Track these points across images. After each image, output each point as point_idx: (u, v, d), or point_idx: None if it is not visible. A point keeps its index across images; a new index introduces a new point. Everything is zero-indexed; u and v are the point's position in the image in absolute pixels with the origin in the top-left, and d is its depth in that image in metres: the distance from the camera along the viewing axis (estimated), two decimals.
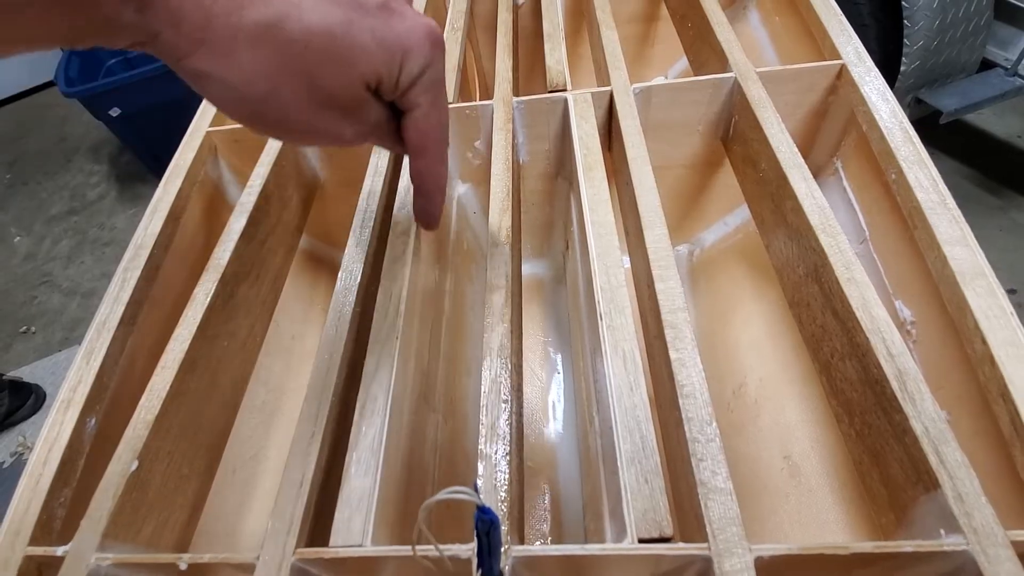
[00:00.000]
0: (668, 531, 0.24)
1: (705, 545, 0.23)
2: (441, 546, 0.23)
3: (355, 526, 0.26)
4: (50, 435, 0.31)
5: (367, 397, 0.30)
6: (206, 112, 0.53)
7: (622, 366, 0.29)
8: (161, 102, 1.83)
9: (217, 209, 0.53)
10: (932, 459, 0.25)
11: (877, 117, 0.41)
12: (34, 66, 2.84)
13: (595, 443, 0.38)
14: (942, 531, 0.23)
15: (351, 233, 0.39)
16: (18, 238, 2.20)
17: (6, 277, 2.05)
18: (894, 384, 0.27)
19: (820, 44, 0.51)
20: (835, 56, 0.47)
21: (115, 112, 1.91)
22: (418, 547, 0.23)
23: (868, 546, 0.23)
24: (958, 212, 0.34)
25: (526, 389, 0.57)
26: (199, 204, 0.50)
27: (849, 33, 0.48)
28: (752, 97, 0.45)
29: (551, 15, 0.58)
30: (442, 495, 0.18)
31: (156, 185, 0.47)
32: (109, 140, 2.47)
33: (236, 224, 0.41)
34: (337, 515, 0.27)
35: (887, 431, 0.28)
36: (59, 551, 0.27)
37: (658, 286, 0.32)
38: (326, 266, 0.66)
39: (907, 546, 0.22)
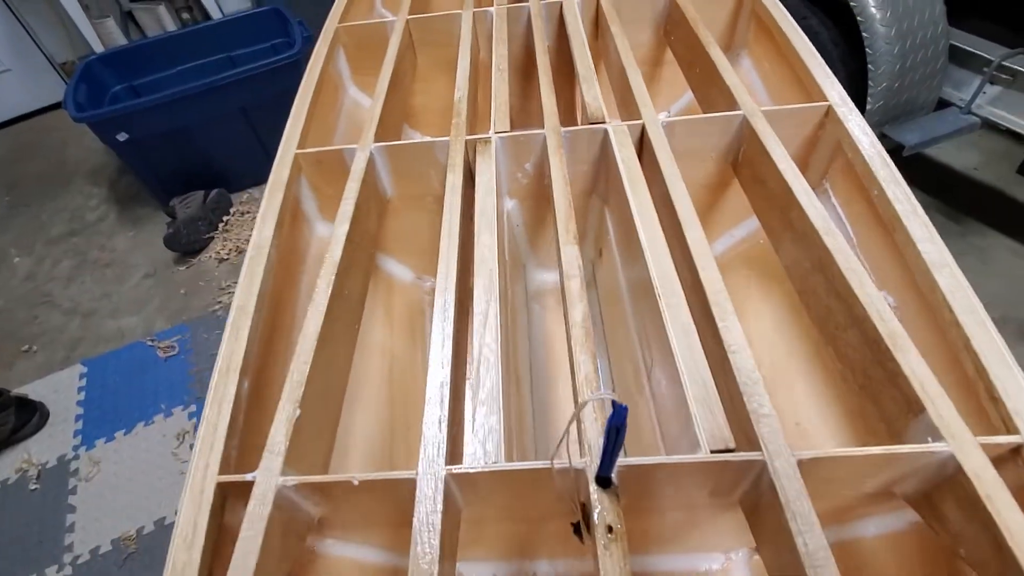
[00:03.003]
0: (732, 444, 0.32)
1: (760, 453, 0.32)
2: (564, 460, 0.31)
3: (489, 451, 0.33)
4: (217, 395, 0.38)
5: (481, 356, 0.38)
6: (292, 135, 0.61)
7: (682, 333, 0.38)
8: (166, 129, 1.90)
9: (296, 219, 0.61)
10: (919, 391, 0.33)
11: (860, 147, 0.51)
12: (34, 90, 2.88)
13: (648, 406, 0.46)
14: (929, 439, 0.32)
15: (442, 237, 0.48)
16: (18, 259, 2.21)
17: (7, 297, 2.06)
18: (887, 341, 0.36)
19: (807, 87, 0.61)
20: (822, 98, 0.58)
21: (122, 137, 1.96)
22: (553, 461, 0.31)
23: (877, 450, 0.31)
24: (927, 219, 0.44)
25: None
26: (288, 213, 0.58)
27: (832, 79, 0.59)
28: (759, 130, 0.55)
29: (583, 59, 0.68)
30: (592, 396, 0.26)
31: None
32: (108, 164, 2.52)
33: (340, 229, 0.49)
34: (467, 446, 0.34)
35: (883, 378, 0.37)
36: (248, 476, 0.34)
37: (702, 274, 0.41)
38: (382, 272, 0.73)
39: (905, 448, 0.31)
